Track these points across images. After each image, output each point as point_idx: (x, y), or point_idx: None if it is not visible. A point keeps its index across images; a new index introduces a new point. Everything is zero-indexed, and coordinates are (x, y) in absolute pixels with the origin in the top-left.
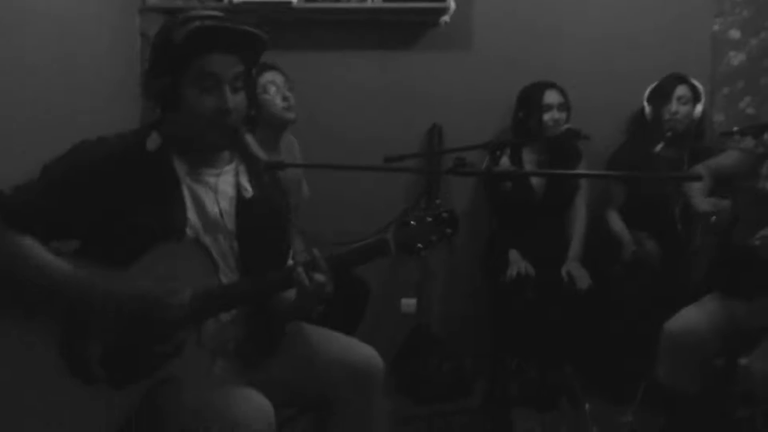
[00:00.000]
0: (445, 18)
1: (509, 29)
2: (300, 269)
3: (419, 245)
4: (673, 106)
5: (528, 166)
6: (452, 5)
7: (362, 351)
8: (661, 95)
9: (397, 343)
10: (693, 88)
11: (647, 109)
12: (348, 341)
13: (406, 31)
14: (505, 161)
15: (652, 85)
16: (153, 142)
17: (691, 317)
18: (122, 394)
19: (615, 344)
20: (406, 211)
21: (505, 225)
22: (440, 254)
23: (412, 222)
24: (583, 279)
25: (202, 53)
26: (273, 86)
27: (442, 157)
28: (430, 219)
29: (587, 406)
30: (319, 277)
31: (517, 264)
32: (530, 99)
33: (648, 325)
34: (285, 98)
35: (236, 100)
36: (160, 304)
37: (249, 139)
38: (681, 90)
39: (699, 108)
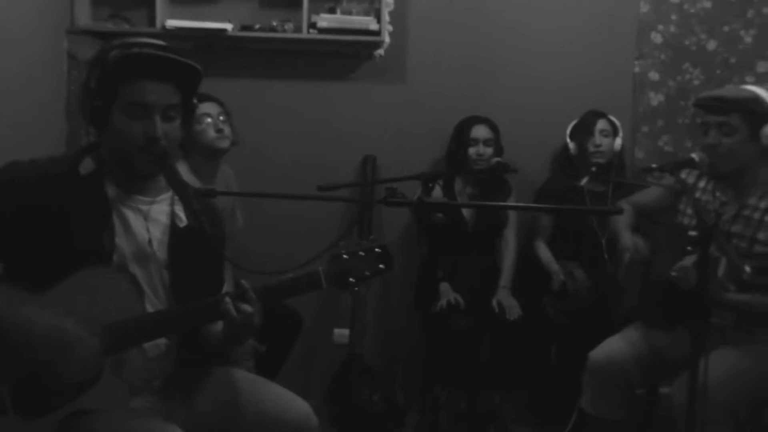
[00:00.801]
0: (380, 51)
1: (443, 64)
2: (227, 300)
3: (351, 280)
4: (597, 139)
5: (459, 198)
6: (387, 39)
7: (297, 407)
8: (583, 130)
9: (329, 374)
10: (611, 123)
11: (571, 145)
12: (282, 394)
13: (342, 62)
14: (437, 192)
15: (573, 122)
16: (85, 167)
17: (614, 347)
18: (33, 426)
19: (545, 373)
20: (338, 244)
21: (436, 255)
22: (373, 285)
23: (344, 255)
24: (513, 309)
25: (133, 80)
26: (207, 117)
27: (375, 187)
28: (362, 253)
29: None
30: (247, 308)
31: (447, 295)
32: (460, 132)
33: (577, 353)
34: (218, 130)
35: (167, 128)
36: (65, 347)
37: (183, 168)
38: (601, 124)
39: (618, 141)
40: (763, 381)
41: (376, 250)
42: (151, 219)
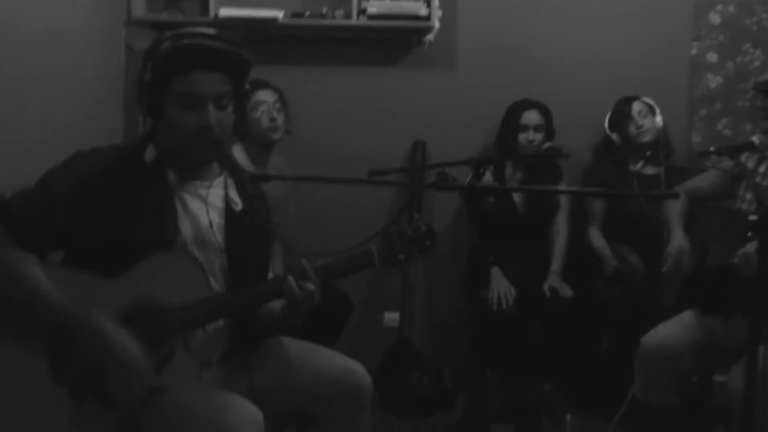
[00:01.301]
0: (430, 37)
1: (492, 50)
2: (290, 279)
3: (401, 257)
4: (638, 120)
5: (510, 183)
6: (437, 25)
7: (348, 366)
8: (621, 117)
9: (379, 357)
10: (646, 104)
11: (613, 136)
12: (333, 355)
13: (391, 49)
14: (488, 177)
15: (608, 114)
16: (150, 154)
17: (668, 332)
18: (111, 411)
19: (596, 359)
20: (388, 226)
21: (486, 241)
22: (423, 268)
23: (395, 234)
24: (565, 290)
25: (184, 71)
26: (262, 105)
27: (425, 173)
28: (410, 232)
29: (568, 420)
30: (309, 285)
31: (498, 288)
32: (510, 117)
33: (630, 339)
34: (272, 119)
35: (221, 116)
36: (156, 314)
37: (238, 150)
38: (637, 106)
39: (659, 119)
40: None
41: (423, 228)
42: (210, 203)
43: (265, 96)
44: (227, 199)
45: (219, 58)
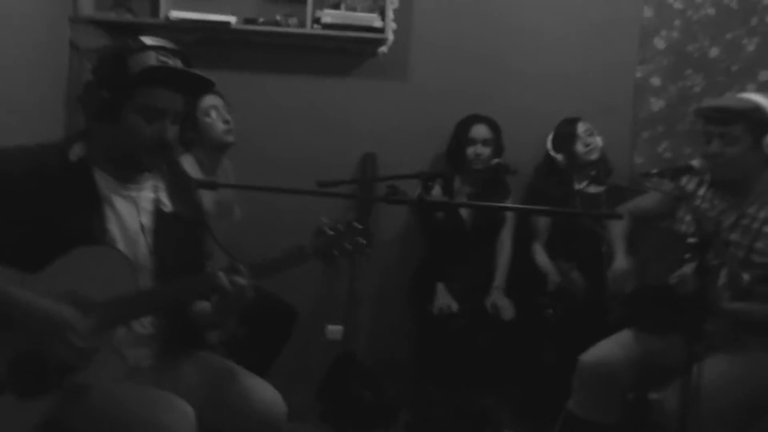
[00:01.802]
0: (383, 49)
1: (446, 62)
2: (220, 273)
3: (335, 252)
4: (585, 139)
5: (458, 197)
6: (390, 37)
7: (266, 395)
8: (567, 137)
9: (322, 370)
10: (586, 125)
11: (558, 156)
12: (254, 382)
13: (345, 59)
14: (437, 191)
15: (551, 135)
16: (75, 153)
17: (606, 351)
18: (31, 405)
19: (538, 374)
20: (321, 220)
21: (434, 254)
22: (368, 282)
23: (328, 231)
24: (506, 310)
25: (152, 86)
26: (214, 110)
27: (375, 185)
28: (344, 229)
29: None
30: (240, 280)
31: (442, 300)
32: (459, 131)
33: (571, 355)
34: (226, 121)
35: (174, 130)
36: (58, 335)
37: (188, 161)
38: (581, 126)
39: (599, 138)
40: (755, 389)
41: (357, 225)
42: (139, 205)
43: (214, 100)
44: (157, 202)
45: (190, 81)
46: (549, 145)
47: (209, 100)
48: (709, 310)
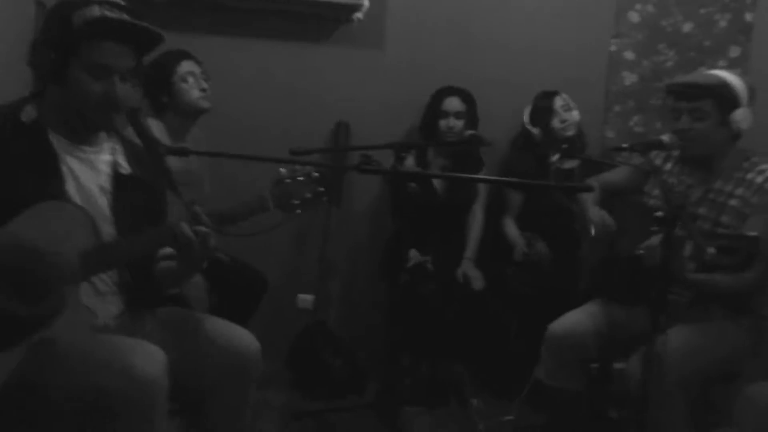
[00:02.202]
0: (359, 15)
1: (422, 32)
2: (182, 223)
3: (295, 201)
4: (561, 115)
5: (431, 169)
6: (366, 3)
7: (240, 335)
8: (544, 112)
9: (292, 338)
10: (564, 99)
11: (534, 130)
12: (225, 324)
13: (319, 25)
14: (410, 162)
15: (528, 108)
16: (27, 114)
17: (574, 320)
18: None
19: (506, 344)
20: (278, 170)
21: (406, 225)
22: (340, 252)
23: (287, 180)
24: (477, 280)
25: (98, 41)
26: (192, 76)
27: (347, 154)
28: (302, 178)
29: (474, 402)
30: (201, 228)
31: (417, 258)
32: (432, 103)
33: (537, 325)
34: (203, 89)
35: (124, 88)
36: (45, 261)
37: (155, 126)
38: (559, 101)
39: (576, 113)
40: (715, 358)
41: (314, 174)
42: (97, 168)
43: (192, 66)
44: (114, 164)
45: (135, 33)
46: (526, 118)
47: (187, 66)
48: (674, 280)
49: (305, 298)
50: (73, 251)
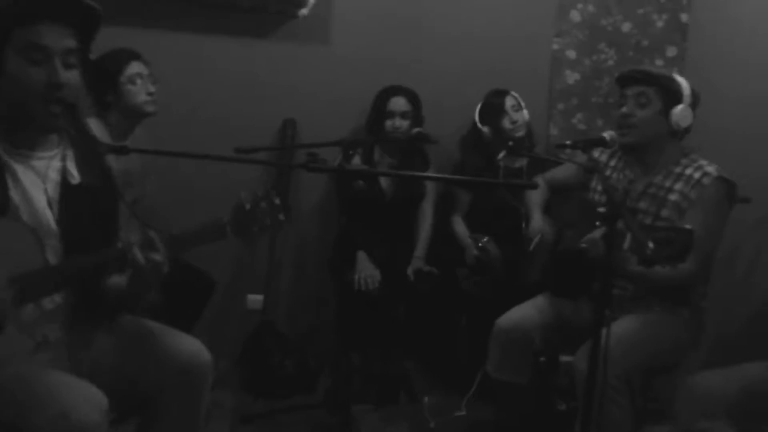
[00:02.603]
0: (304, 11)
1: (368, 27)
2: (135, 248)
3: (255, 229)
4: (512, 116)
5: (379, 167)
6: None
7: (189, 344)
8: (494, 110)
9: (242, 339)
10: (515, 98)
11: (484, 129)
12: (174, 333)
13: (265, 19)
14: (356, 160)
15: (479, 106)
16: None
17: (521, 314)
18: None
19: (455, 341)
20: (239, 195)
21: (353, 223)
22: (287, 251)
23: (247, 206)
24: (429, 274)
25: (29, 22)
26: (139, 78)
27: (294, 152)
28: (263, 204)
29: (426, 399)
30: (156, 256)
31: (363, 270)
32: (378, 103)
33: (486, 321)
34: (150, 93)
35: (69, 76)
36: None
37: (95, 124)
38: (510, 101)
39: (526, 112)
40: (656, 350)
41: (276, 201)
42: (44, 175)
43: (140, 68)
44: (64, 172)
45: (67, 8)
46: (476, 117)
47: (136, 67)
48: (615, 272)
49: (255, 299)
50: (12, 273)
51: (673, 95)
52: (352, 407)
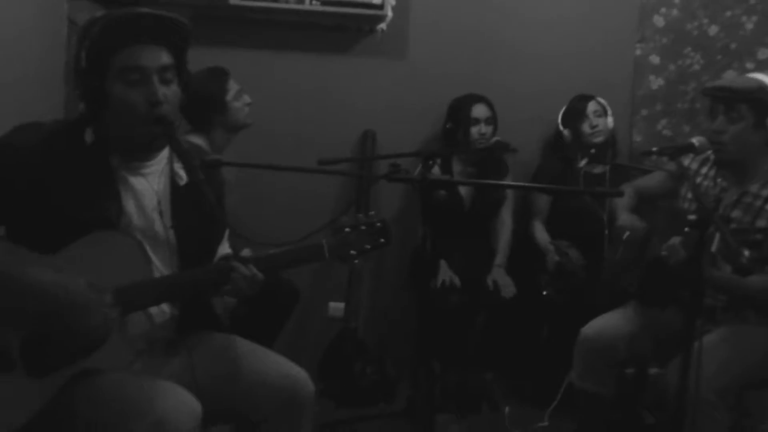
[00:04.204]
0: (382, 26)
1: (444, 40)
2: (237, 265)
3: (353, 252)
4: (592, 120)
5: (457, 177)
6: (389, 14)
7: (294, 374)
8: (576, 114)
9: (323, 346)
10: (600, 104)
11: (565, 132)
12: (281, 361)
13: (343, 36)
14: (436, 170)
15: (563, 109)
16: (90, 136)
17: (606, 323)
18: (39, 384)
19: (537, 351)
20: (339, 218)
21: (434, 233)
22: (368, 260)
23: (346, 229)
24: (508, 288)
25: (122, 47)
26: (244, 94)
27: (374, 163)
28: (364, 227)
29: (507, 410)
30: (258, 275)
31: (445, 274)
32: (459, 111)
33: (568, 331)
34: (248, 104)
35: (167, 92)
36: (79, 305)
37: (196, 139)
38: (593, 105)
39: (610, 120)
40: (752, 365)
41: (377, 224)
42: (153, 180)
43: (236, 85)
44: (172, 174)
45: (156, 27)
46: (559, 119)
47: (234, 86)
48: (701, 281)
49: (337, 306)
50: (120, 284)
51: (765, 106)
52: (433, 416)
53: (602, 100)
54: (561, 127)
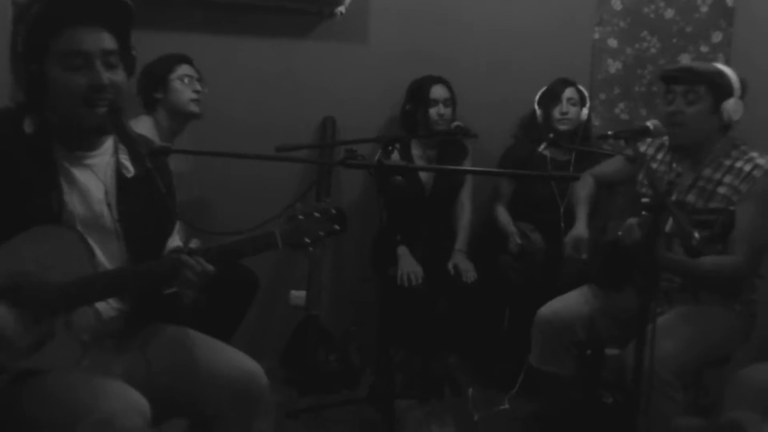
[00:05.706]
0: (341, 9)
1: (405, 24)
2: (186, 258)
3: (307, 240)
4: (564, 106)
5: (417, 161)
6: None
7: (248, 366)
8: (551, 97)
9: (285, 335)
10: (579, 92)
11: (538, 111)
12: (234, 354)
13: (302, 19)
14: (395, 156)
15: (542, 89)
16: (29, 125)
17: (562, 304)
18: None
19: (498, 334)
20: (293, 205)
21: (394, 218)
22: (329, 247)
23: (300, 216)
24: (468, 272)
25: (62, 30)
26: (188, 78)
27: (334, 149)
28: (317, 214)
29: (470, 393)
30: (208, 267)
31: (405, 266)
32: (418, 93)
33: (529, 314)
34: (196, 91)
35: (112, 76)
36: (31, 283)
37: (147, 123)
38: (569, 92)
39: (585, 111)
40: (708, 344)
41: (332, 211)
42: (98, 172)
43: (189, 70)
44: (118, 165)
45: (98, 7)
46: (536, 97)
47: (185, 69)
48: (654, 262)
49: (298, 295)
50: (65, 280)
51: (723, 89)
52: (396, 402)
53: (583, 89)
54: (536, 106)
